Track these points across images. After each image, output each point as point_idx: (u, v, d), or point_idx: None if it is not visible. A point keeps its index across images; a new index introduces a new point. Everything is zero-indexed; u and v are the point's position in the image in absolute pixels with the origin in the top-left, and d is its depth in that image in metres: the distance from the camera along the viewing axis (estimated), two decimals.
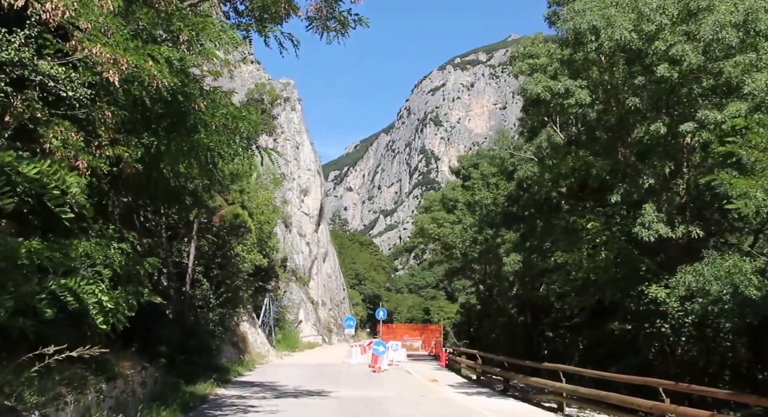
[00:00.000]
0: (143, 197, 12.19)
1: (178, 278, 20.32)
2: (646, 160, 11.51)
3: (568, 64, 12.01)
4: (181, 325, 18.02)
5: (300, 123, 59.62)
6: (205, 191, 18.60)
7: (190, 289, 20.00)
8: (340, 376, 19.97)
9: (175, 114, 9.22)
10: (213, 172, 16.95)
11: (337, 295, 64.85)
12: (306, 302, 51.09)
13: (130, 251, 8.86)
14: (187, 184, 15.75)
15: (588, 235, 12.26)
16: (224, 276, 22.57)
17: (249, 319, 30.60)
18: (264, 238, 29.37)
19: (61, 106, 6.96)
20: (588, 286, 13.27)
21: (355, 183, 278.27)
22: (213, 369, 17.32)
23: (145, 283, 9.03)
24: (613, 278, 12.33)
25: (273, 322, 36.45)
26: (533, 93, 11.83)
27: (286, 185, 53.18)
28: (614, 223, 12.87)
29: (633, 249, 12.24)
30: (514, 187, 19.13)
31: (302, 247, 55.84)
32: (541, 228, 17.62)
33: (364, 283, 75.89)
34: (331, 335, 57.68)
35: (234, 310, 23.85)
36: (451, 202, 27.03)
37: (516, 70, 13.01)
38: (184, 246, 20.91)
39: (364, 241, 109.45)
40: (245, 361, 23.35)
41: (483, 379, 19.58)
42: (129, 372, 11.19)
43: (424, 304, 73.72)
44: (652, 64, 10.76)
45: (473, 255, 21.50)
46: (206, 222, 21.03)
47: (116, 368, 10.15)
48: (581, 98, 11.18)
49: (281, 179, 44.63)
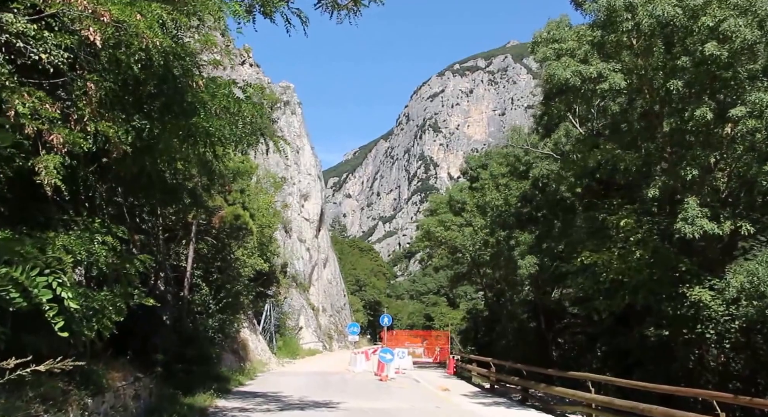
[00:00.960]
0: (135, 191, 11.14)
1: (176, 282, 19.36)
2: (687, 150, 10.52)
3: (598, 47, 11.05)
4: (179, 331, 17.04)
5: (300, 127, 58.76)
6: (205, 191, 17.62)
7: (188, 293, 19.00)
8: (346, 385, 18.88)
9: (170, 93, 8.20)
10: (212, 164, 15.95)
11: (338, 301, 63.73)
12: (306, 308, 50.11)
13: (119, 247, 7.84)
14: (185, 182, 14.77)
15: (620, 233, 11.26)
16: (224, 280, 21.54)
17: (249, 326, 29.54)
18: (265, 242, 28.41)
19: (35, 75, 5.97)
20: (617, 289, 12.25)
21: (354, 190, 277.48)
22: (212, 378, 16.31)
23: (136, 284, 7.98)
24: (647, 280, 11.32)
25: (274, 329, 35.39)
26: (561, 79, 10.86)
27: (287, 190, 52.30)
28: (647, 221, 11.85)
29: (669, 248, 11.25)
30: (529, 186, 18.13)
31: (302, 253, 54.85)
32: (559, 229, 16.60)
33: (364, 289, 74.70)
34: (332, 342, 56.59)
35: (234, 316, 22.78)
36: (459, 204, 26.01)
37: (540, 55, 12.04)
38: (182, 248, 19.95)
39: (364, 246, 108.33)
40: (246, 369, 22.27)
41: (497, 387, 18.49)
42: (120, 384, 10.11)
43: (425, 311, 72.50)
44: (695, 44, 9.80)
45: (484, 258, 20.46)
46: (205, 223, 20.02)
47: (104, 380, 9.07)
48: (616, 83, 10.21)
49: (282, 183, 43.70)
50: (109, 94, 7.22)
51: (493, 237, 19.83)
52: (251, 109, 9.00)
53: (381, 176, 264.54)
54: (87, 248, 7.19)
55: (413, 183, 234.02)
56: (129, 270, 7.80)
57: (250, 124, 9.14)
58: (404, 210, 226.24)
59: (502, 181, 21.19)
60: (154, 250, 18.15)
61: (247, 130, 9.12)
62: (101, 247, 7.51)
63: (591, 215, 12.68)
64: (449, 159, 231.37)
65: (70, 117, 6.47)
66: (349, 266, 76.48)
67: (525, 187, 18.48)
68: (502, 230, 19.26)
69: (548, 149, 16.08)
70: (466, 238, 21.64)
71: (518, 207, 18.97)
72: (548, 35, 12.22)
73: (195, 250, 19.42)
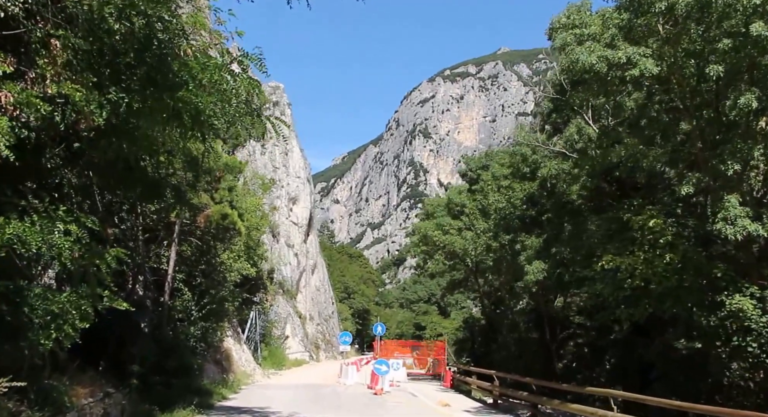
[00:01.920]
0: (112, 183, 9.89)
1: (156, 287, 18.08)
2: (725, 144, 9.56)
3: (626, 31, 10.12)
4: (158, 340, 15.78)
5: (289, 128, 57.53)
6: (190, 187, 16.36)
7: (169, 299, 17.70)
8: (338, 399, 17.61)
9: (153, 62, 7.03)
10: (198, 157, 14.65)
11: (326, 309, 62.27)
12: (293, 316, 48.68)
13: (87, 239, 6.62)
14: (168, 177, 13.52)
15: (648, 235, 10.28)
16: (208, 285, 20.23)
17: (233, 335, 28.11)
18: (252, 245, 27.11)
19: None
20: (640, 296, 11.25)
21: (342, 195, 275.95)
22: (193, 392, 15.04)
23: (108, 284, 6.73)
24: (676, 287, 10.33)
25: (259, 338, 33.94)
26: (585, 64, 9.90)
27: (274, 193, 50.98)
28: (671, 223, 10.88)
29: (702, 251, 10.30)
30: (536, 187, 17.15)
31: (290, 258, 53.43)
32: (570, 232, 15.61)
33: (353, 297, 73.25)
34: (319, 352, 55.11)
35: (218, 323, 21.42)
36: (458, 206, 24.97)
37: (558, 42, 11.09)
38: (164, 250, 18.65)
39: (354, 253, 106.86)
40: (229, 381, 20.86)
41: (501, 402, 17.36)
42: (86, 401, 8.80)
43: (415, 320, 71.21)
44: (737, 25, 8.90)
45: (487, 263, 19.42)
46: (189, 223, 18.71)
47: (66, 398, 7.78)
48: (647, 69, 9.25)
49: (270, 184, 42.36)
50: (78, 55, 6.04)
51: (496, 241, 18.77)
52: (247, 85, 7.86)
53: (370, 182, 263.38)
54: (46, 239, 5.97)
55: (402, 189, 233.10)
56: (99, 266, 6.57)
57: (246, 103, 7.99)
58: (393, 216, 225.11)
59: (504, 183, 20.23)
60: (132, 248, 16.87)
61: (242, 109, 7.96)
62: (64, 239, 6.28)
63: (612, 216, 11.68)
64: (439, 165, 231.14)
65: (27, 75, 5.27)
66: (338, 273, 75.02)
67: (532, 188, 17.50)
68: (506, 234, 18.23)
69: (560, 147, 15.12)
70: (468, 242, 20.57)
71: (524, 209, 17.97)
72: (568, 20, 11.27)
73: (177, 252, 18.14)
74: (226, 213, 17.93)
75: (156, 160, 11.36)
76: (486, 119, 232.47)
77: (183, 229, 18.53)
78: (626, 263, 10.75)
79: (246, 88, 7.84)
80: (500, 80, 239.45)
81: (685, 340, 10.99)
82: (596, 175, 12.97)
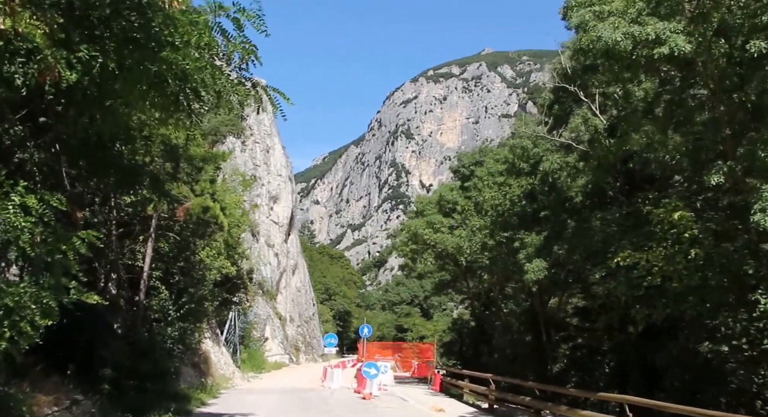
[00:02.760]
0: (82, 161, 8.76)
1: (131, 285, 16.95)
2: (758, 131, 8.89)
3: (654, 5, 9.40)
4: (132, 342, 14.73)
5: (271, 125, 56.21)
6: (170, 177, 15.18)
7: (144, 298, 16.58)
8: (327, 405, 16.60)
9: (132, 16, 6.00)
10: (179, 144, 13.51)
11: (307, 310, 60.99)
12: (273, 318, 47.49)
13: (52, 220, 5.55)
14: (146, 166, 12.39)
15: (672, 229, 9.57)
16: (187, 284, 19.06)
17: (212, 336, 26.88)
18: (233, 243, 25.94)
19: None
20: (656, 296, 10.55)
21: (322, 196, 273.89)
22: (170, 397, 14.06)
23: (75, 273, 5.63)
24: (699, 285, 9.64)
25: (238, 340, 32.71)
26: (608, 42, 9.15)
27: (255, 191, 49.66)
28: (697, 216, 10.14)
29: (728, 247, 9.63)
30: (537, 182, 16.42)
31: (270, 258, 52.14)
32: (573, 228, 14.90)
33: (334, 298, 72.00)
34: (299, 354, 53.88)
35: (197, 324, 20.22)
36: (449, 204, 24.17)
37: (575, 20, 10.30)
38: (139, 246, 17.46)
39: (335, 254, 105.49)
40: (208, 385, 19.71)
41: (497, 407, 16.55)
42: (50, 411, 7.68)
43: (397, 322, 70.27)
44: None
45: (483, 262, 18.63)
46: (168, 217, 17.51)
47: (25, 407, 6.67)
48: (678, 46, 8.53)
49: (252, 181, 41.08)
50: None
51: (493, 239, 17.99)
52: (243, 52, 6.86)
53: (351, 183, 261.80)
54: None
55: (384, 190, 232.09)
56: (65, 253, 5.49)
57: (239, 69, 6.99)
58: (374, 218, 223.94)
59: (500, 179, 19.47)
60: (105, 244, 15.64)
61: (235, 77, 6.96)
62: (23, 219, 5.21)
63: (627, 210, 10.95)
64: (421, 166, 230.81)
65: None
66: (319, 274, 73.69)
67: (532, 182, 16.75)
68: (503, 231, 17.45)
69: (566, 138, 14.40)
70: (463, 239, 19.74)
71: (523, 205, 17.22)
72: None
73: (154, 248, 17.00)
74: (207, 206, 16.79)
75: (132, 146, 10.28)
76: (469, 121, 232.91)
77: (160, 223, 17.38)
78: (644, 260, 10.01)
79: (241, 52, 6.85)
80: (484, 81, 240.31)
81: (709, 343, 10.29)
82: (608, 167, 12.25)
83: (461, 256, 20.53)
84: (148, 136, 12.18)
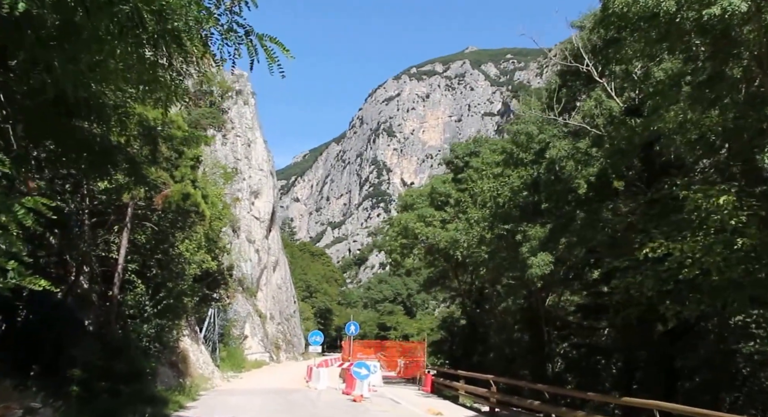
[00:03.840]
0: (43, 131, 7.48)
1: (104, 279, 15.66)
2: None
3: None
4: (105, 340, 13.56)
5: (253, 119, 54.67)
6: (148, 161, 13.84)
7: (119, 293, 15.31)
8: (315, 408, 15.45)
9: None
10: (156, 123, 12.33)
11: (287, 308, 59.59)
12: (253, 315, 46.15)
13: None
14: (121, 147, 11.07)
15: (717, 215, 8.66)
16: (165, 278, 17.73)
17: (191, 334, 25.48)
18: (213, 237, 24.58)
19: None
20: (690, 290, 9.66)
21: (302, 193, 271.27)
22: (146, 400, 12.91)
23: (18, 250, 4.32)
24: (742, 279, 8.74)
25: (218, 338, 31.37)
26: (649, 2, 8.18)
27: (236, 185, 48.14)
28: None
29: None
30: (543, 171, 15.47)
31: (251, 255, 50.67)
32: (582, 219, 14.00)
33: (315, 296, 70.63)
34: (280, 352, 52.57)
35: (175, 321, 18.87)
36: (442, 197, 23.16)
37: None
38: (114, 237, 16.11)
39: (316, 251, 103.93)
40: (186, 386, 18.37)
41: (498, 411, 15.58)
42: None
43: (380, 320, 69.18)
44: None
45: (481, 257, 17.67)
46: (145, 205, 16.15)
47: None
48: (733, 4, 7.58)
49: (233, 174, 39.60)
50: None
51: (492, 232, 17.01)
52: None
53: (331, 180, 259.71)
54: None
55: (365, 188, 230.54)
56: (6, 225, 4.21)
57: (230, 12, 5.80)
58: (355, 215, 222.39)
59: (497, 170, 18.53)
60: (76, 234, 14.26)
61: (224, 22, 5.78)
62: None
63: (654, 196, 10.03)
64: (403, 164, 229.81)
65: None
66: (300, 271, 72.22)
67: (535, 172, 15.80)
68: (504, 223, 16.48)
69: (577, 121, 13.49)
70: (460, 232, 18.74)
71: (525, 196, 16.27)
72: None
73: (130, 239, 15.66)
74: (188, 192, 15.45)
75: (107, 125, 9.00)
76: (452, 119, 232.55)
77: (137, 212, 16.04)
78: (678, 250, 9.07)
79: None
80: (467, 79, 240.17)
81: (757, 343, 9.42)
82: (629, 151, 11.32)
83: (457, 251, 19.54)
84: (124, 113, 10.94)
